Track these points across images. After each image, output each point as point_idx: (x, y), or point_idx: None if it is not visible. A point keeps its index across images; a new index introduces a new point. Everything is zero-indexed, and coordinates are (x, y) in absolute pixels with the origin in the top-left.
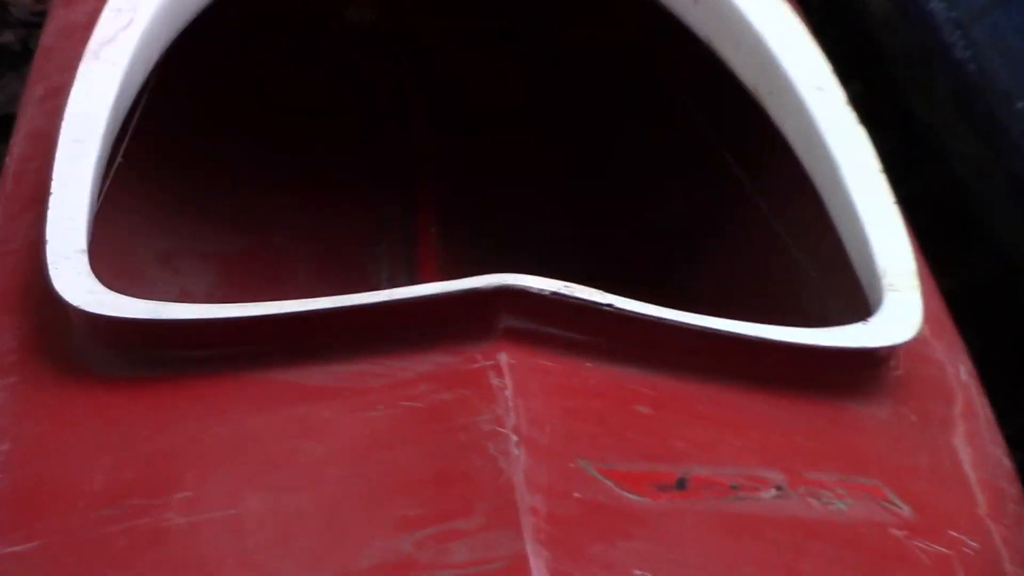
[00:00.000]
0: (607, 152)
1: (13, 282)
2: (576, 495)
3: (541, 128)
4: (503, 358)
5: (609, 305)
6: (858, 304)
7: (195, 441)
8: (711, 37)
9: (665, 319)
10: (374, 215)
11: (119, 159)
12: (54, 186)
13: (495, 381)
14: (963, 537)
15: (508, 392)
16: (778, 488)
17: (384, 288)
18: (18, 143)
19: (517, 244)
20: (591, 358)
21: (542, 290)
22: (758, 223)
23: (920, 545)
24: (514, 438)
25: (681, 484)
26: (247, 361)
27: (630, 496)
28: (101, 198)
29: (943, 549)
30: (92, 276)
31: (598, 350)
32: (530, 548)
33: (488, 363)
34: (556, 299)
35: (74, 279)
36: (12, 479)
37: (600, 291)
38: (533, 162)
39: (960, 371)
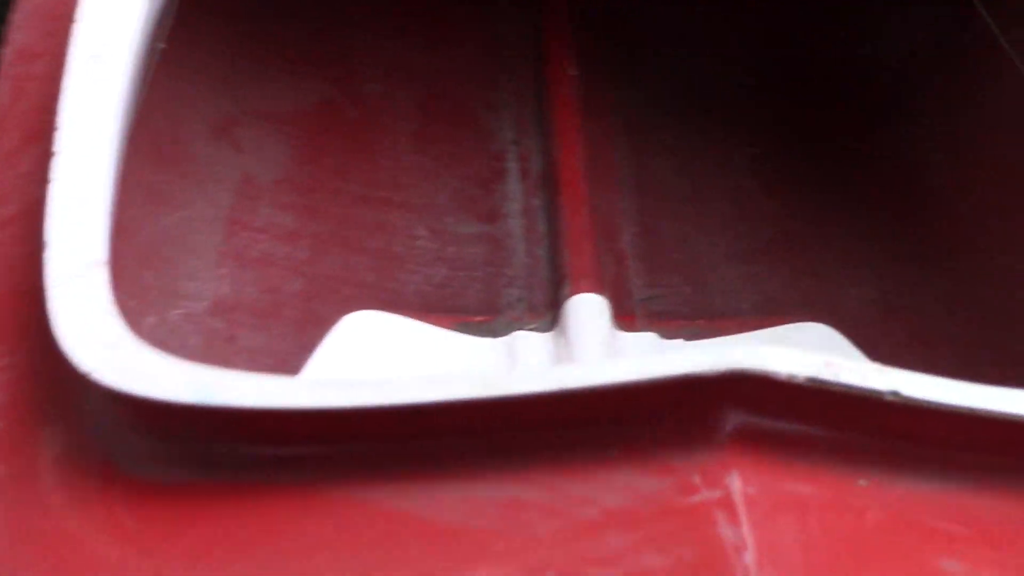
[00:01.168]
0: None
1: (3, 284)
2: None
3: None
4: (735, 485)
5: (895, 393)
6: None
7: None
8: None
9: (980, 411)
10: (493, 48)
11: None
12: (58, 148)
13: (727, 533)
14: None
15: (749, 557)
16: None
17: (508, 159)
18: (19, 26)
19: (673, 86)
20: (864, 469)
21: (793, 376)
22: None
23: None
24: None
25: None
26: (343, 469)
27: None
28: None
29: None
30: (115, 312)
31: (873, 454)
32: None
33: (714, 494)
34: (814, 387)
35: (88, 322)
36: None
37: (877, 367)
38: None
39: None
